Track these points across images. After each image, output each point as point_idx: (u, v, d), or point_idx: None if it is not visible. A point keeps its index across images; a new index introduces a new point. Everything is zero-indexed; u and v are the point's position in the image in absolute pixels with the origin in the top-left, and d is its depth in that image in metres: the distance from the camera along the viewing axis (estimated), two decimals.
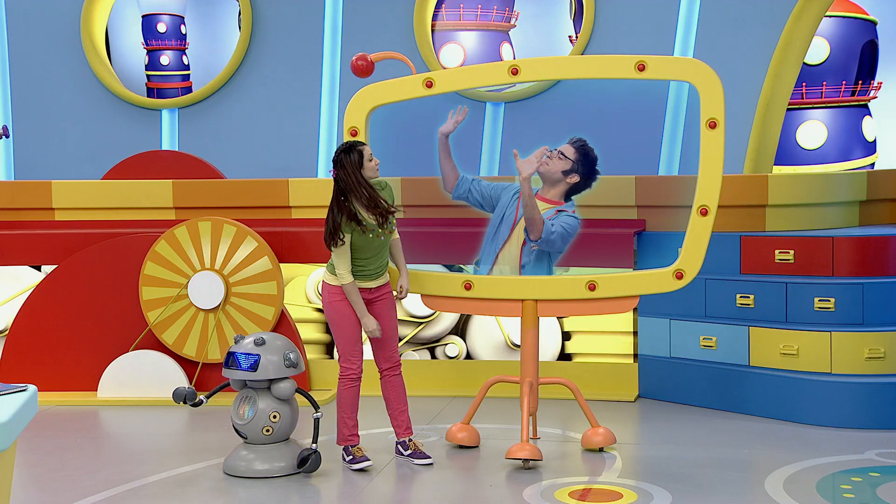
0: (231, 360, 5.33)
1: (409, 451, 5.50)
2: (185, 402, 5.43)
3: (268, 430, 5.30)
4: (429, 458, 5.47)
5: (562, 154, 5.62)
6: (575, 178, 5.63)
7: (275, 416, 5.31)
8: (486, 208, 5.77)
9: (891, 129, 12.87)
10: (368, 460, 5.35)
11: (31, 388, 3.09)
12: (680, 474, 5.24)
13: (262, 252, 7.05)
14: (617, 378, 7.03)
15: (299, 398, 5.43)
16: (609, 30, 10.37)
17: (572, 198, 5.67)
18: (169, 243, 7.07)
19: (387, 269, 5.43)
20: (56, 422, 6.51)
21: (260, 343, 5.32)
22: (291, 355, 5.34)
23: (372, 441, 5.84)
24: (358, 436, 5.41)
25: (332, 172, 5.24)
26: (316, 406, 5.32)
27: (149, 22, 12.86)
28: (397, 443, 5.56)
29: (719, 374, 6.62)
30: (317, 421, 5.28)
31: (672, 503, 4.78)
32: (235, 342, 5.39)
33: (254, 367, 5.26)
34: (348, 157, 5.19)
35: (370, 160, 5.22)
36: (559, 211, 5.62)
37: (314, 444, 5.28)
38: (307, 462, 5.25)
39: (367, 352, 5.45)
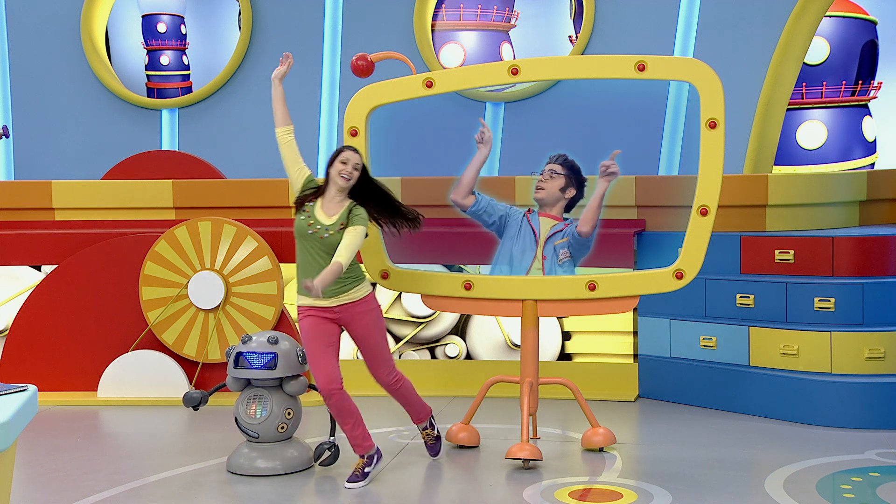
0: (241, 359, 5.32)
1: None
2: (196, 408, 5.44)
3: (283, 427, 5.32)
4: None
5: (553, 172, 5.67)
6: (571, 192, 5.71)
7: (289, 413, 5.33)
8: (493, 227, 5.73)
9: (891, 129, 12.90)
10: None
11: (31, 388, 3.10)
12: (680, 474, 5.24)
13: (262, 252, 7.05)
14: (617, 378, 7.03)
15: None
16: (609, 30, 10.37)
17: (570, 211, 5.74)
18: (169, 243, 7.07)
19: (355, 283, 5.09)
20: (56, 422, 6.51)
21: (274, 342, 5.33)
22: (302, 351, 5.39)
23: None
24: (370, 440, 5.17)
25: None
26: None
27: (149, 22, 12.89)
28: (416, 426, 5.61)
29: (719, 374, 6.62)
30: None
31: (672, 503, 4.79)
32: (243, 342, 5.38)
33: (270, 365, 5.27)
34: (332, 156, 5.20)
35: (343, 163, 5.08)
36: (568, 224, 5.68)
37: (332, 438, 5.31)
38: (326, 455, 5.26)
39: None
